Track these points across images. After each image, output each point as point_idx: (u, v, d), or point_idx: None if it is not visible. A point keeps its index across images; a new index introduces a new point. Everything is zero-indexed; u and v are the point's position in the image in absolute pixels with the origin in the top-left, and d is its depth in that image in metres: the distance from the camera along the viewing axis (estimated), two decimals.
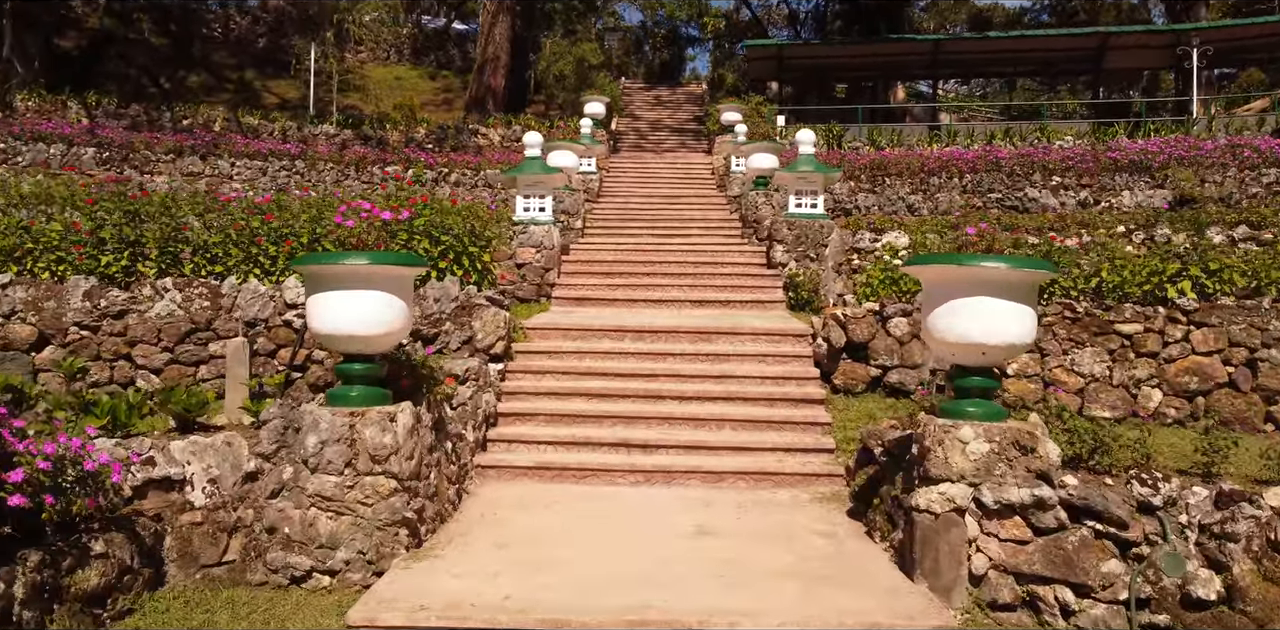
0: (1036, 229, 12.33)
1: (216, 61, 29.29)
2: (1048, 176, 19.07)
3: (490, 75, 27.36)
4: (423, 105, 30.14)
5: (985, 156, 19.98)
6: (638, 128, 28.96)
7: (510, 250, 12.18)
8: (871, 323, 8.39)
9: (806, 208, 12.53)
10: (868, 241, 12.31)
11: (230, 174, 19.16)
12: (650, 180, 22.46)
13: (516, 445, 7.44)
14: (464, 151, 23.51)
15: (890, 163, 20.05)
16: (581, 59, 27.40)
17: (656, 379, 8.29)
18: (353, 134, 23.42)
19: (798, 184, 12.54)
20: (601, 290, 12.02)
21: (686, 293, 11.93)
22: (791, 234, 12.34)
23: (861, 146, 23.40)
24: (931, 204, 15.84)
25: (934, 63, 26.46)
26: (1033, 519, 4.82)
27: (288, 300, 8.25)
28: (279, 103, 28.13)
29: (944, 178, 19.45)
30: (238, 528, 5.19)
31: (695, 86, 34.29)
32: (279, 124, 23.24)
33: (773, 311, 11.47)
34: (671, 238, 16.22)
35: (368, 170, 19.66)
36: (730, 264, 12.84)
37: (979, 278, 4.86)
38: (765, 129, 24.26)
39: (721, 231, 16.55)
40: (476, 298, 8.36)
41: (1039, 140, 22.92)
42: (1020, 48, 25.57)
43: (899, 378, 8.26)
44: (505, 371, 8.34)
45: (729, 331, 9.07)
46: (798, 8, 41.66)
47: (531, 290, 12.10)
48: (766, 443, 7.34)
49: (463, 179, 19.74)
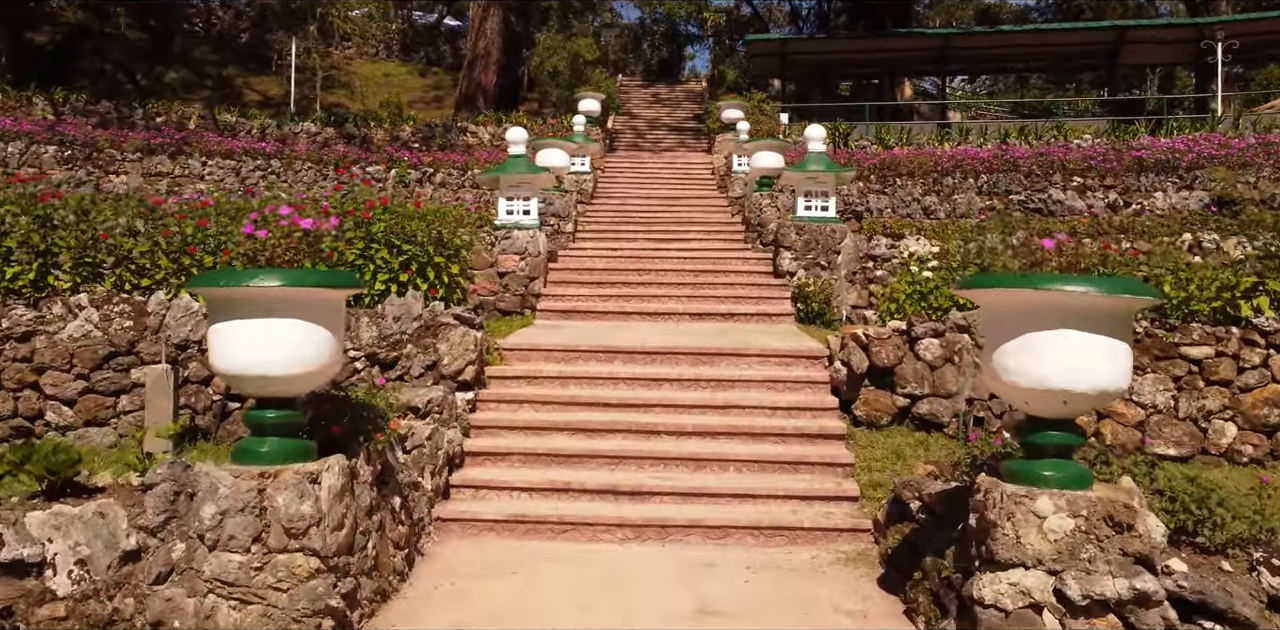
0: (1070, 234, 11.22)
1: (197, 57, 28.18)
2: (1068, 177, 17.98)
3: (481, 72, 26.26)
4: (412, 103, 29.04)
5: (1001, 156, 18.88)
6: (635, 126, 27.86)
7: (491, 257, 11.09)
8: (898, 344, 7.29)
9: (816, 210, 11.43)
10: (884, 248, 11.21)
11: (201, 174, 18.05)
12: (647, 180, 21.39)
13: (485, 492, 6.33)
14: (452, 150, 22.41)
15: (901, 162, 18.96)
16: (576, 54, 26.31)
17: (651, 410, 7.18)
18: (335, 132, 22.33)
19: (807, 184, 11.45)
20: (592, 301, 10.92)
21: (685, 304, 10.83)
22: (800, 240, 11.25)
23: (869, 145, 22.30)
24: (949, 206, 14.75)
25: (943, 58, 25.36)
26: (1132, 618, 3.72)
27: None
28: (261, 100, 27.02)
29: (958, 178, 18.35)
30: (114, 622, 4.09)
31: (695, 84, 33.20)
32: (257, 122, 22.14)
33: (780, 326, 10.37)
34: (669, 242, 15.14)
35: (348, 170, 18.55)
36: (733, 272, 11.74)
37: (1062, 306, 3.76)
38: (768, 127, 23.18)
39: (723, 235, 15.46)
40: (443, 316, 7.26)
41: (1056, 139, 21.83)
42: (1034, 43, 24.47)
43: (930, 408, 7.16)
44: (476, 401, 7.24)
45: (733, 352, 7.97)
46: (799, 4, 40.60)
47: (515, 301, 11.01)
48: (779, 489, 6.23)
49: (448, 179, 18.65)
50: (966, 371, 7.19)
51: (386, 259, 7.28)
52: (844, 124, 22.41)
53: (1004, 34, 23.89)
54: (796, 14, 40.36)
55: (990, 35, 24.22)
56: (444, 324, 7.21)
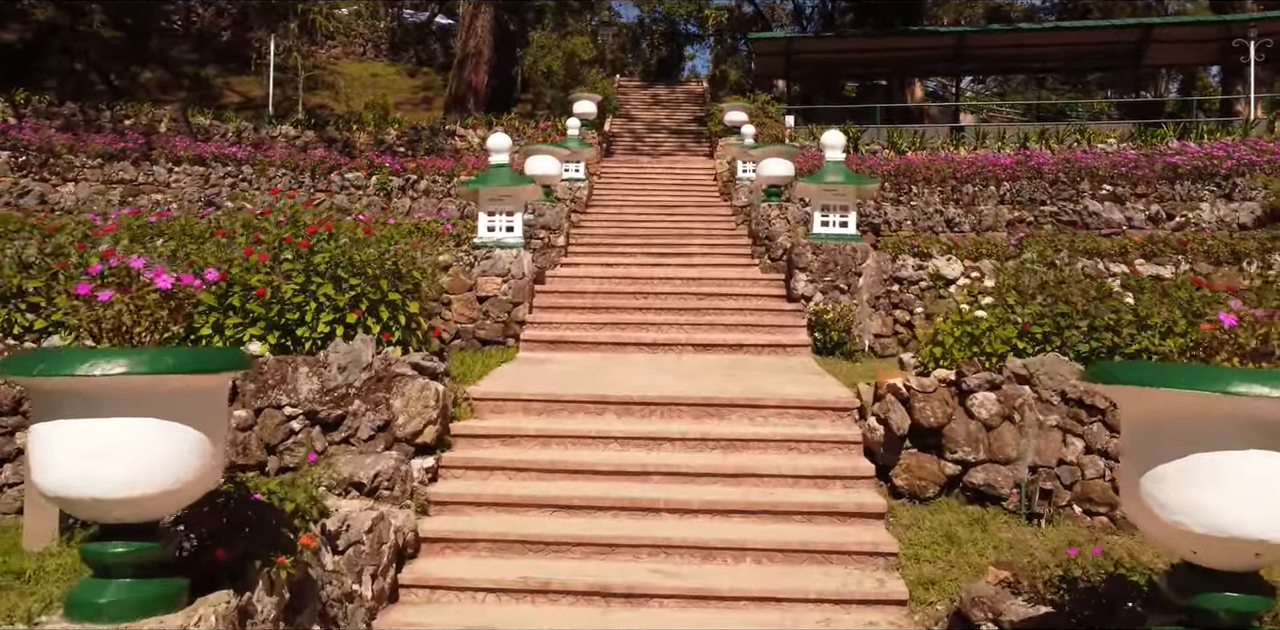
0: (1119, 253, 10.01)
1: (175, 56, 26.92)
2: (1096, 185, 16.76)
3: (471, 72, 25.03)
4: (400, 104, 27.80)
5: (1025, 162, 17.66)
6: (633, 129, 26.66)
7: (470, 280, 9.87)
8: (945, 399, 6.06)
9: (835, 227, 10.21)
10: (911, 269, 9.99)
11: (167, 181, 16.81)
12: (646, 187, 20.19)
13: (443, 594, 5.10)
14: (439, 155, 21.17)
15: (917, 169, 17.74)
16: (572, 54, 25.08)
17: (648, 479, 5.95)
18: (316, 135, 21.09)
19: (824, 197, 10.23)
20: (583, 330, 9.70)
21: (688, 333, 9.61)
22: (817, 260, 10.02)
23: (880, 149, 21.09)
24: (973, 218, 13.53)
25: (957, 58, 24.13)
26: None
27: None
28: (242, 101, 25.79)
29: (979, 185, 17.13)
30: None
31: (695, 85, 31.98)
32: (233, 124, 20.90)
33: (796, 358, 9.15)
34: (669, 257, 13.94)
35: (325, 177, 17.33)
36: (741, 296, 10.51)
37: (1261, 418, 2.53)
38: (774, 130, 21.96)
39: (727, 249, 14.26)
40: (398, 365, 6.03)
41: (1078, 143, 20.61)
42: (1053, 42, 23.26)
43: (986, 477, 5.93)
44: (438, 467, 6.01)
45: (746, 403, 6.73)
46: (803, 2, 39.41)
47: (496, 329, 9.78)
48: (808, 590, 5.00)
49: (433, 187, 17.42)
50: (1029, 432, 5.96)
51: (331, 296, 6.05)
52: (854, 127, 21.20)
53: (1021, 32, 22.69)
54: (800, 12, 39.16)
55: (1007, 34, 23.01)
56: (399, 375, 5.98)
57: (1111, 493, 5.83)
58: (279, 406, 5.93)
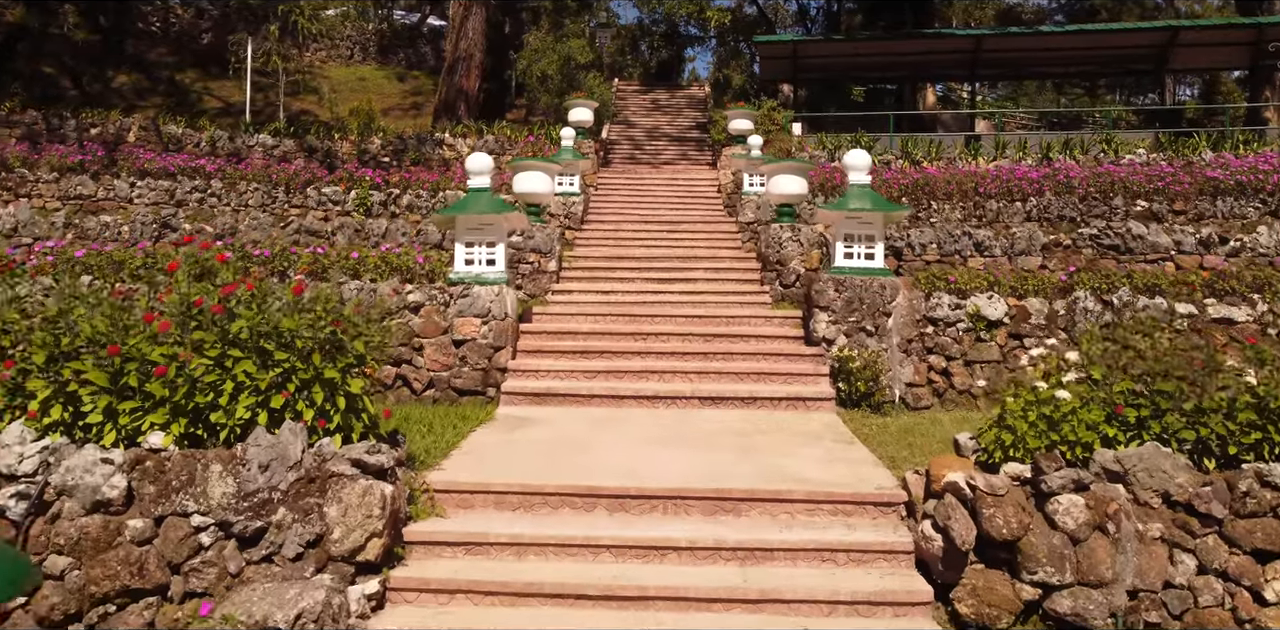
0: (1187, 291, 8.79)
1: (152, 60, 25.62)
2: (1130, 201, 15.56)
3: (462, 76, 23.79)
4: (388, 110, 26.56)
5: (1053, 176, 16.46)
6: (632, 136, 25.44)
7: (444, 321, 8.65)
8: (1020, 503, 4.84)
9: (860, 259, 8.99)
10: (947, 308, 8.78)
11: (129, 196, 15.59)
12: (646, 200, 19.01)
13: None
14: (426, 165, 19.95)
15: (937, 183, 16.54)
16: (568, 57, 23.85)
17: (648, 605, 4.74)
18: (295, 145, 19.85)
19: (849, 226, 9.01)
20: (574, 379, 8.49)
21: (694, 383, 8.41)
22: (840, 298, 8.80)
23: (894, 160, 19.87)
24: (1005, 241, 12.31)
25: (974, 62, 22.87)
26: None
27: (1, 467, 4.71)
28: (222, 107, 24.55)
29: (1003, 201, 15.94)
30: None
31: (697, 89, 30.75)
32: (207, 133, 19.66)
33: (818, 414, 7.95)
34: (671, 283, 12.78)
35: (301, 192, 16.10)
36: (753, 337, 9.28)
37: None
38: (782, 141, 20.74)
39: (735, 274, 13.08)
40: (335, 461, 4.81)
41: (1105, 153, 19.40)
42: (1076, 45, 22.01)
43: (1074, 605, 4.71)
44: (384, 592, 4.79)
45: (769, 496, 5.51)
46: (807, 2, 38.25)
47: (474, 378, 8.57)
48: None
49: (416, 201, 16.19)
50: (1126, 547, 4.75)
51: (252, 374, 4.83)
52: (866, 136, 19.98)
53: (1043, 35, 21.45)
54: (804, 13, 37.98)
55: (1027, 37, 21.76)
56: (336, 475, 4.76)
57: (1234, 625, 4.63)
58: (185, 514, 4.72)
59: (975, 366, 8.71)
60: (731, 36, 30.67)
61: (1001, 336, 8.73)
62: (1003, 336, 8.73)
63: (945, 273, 12.53)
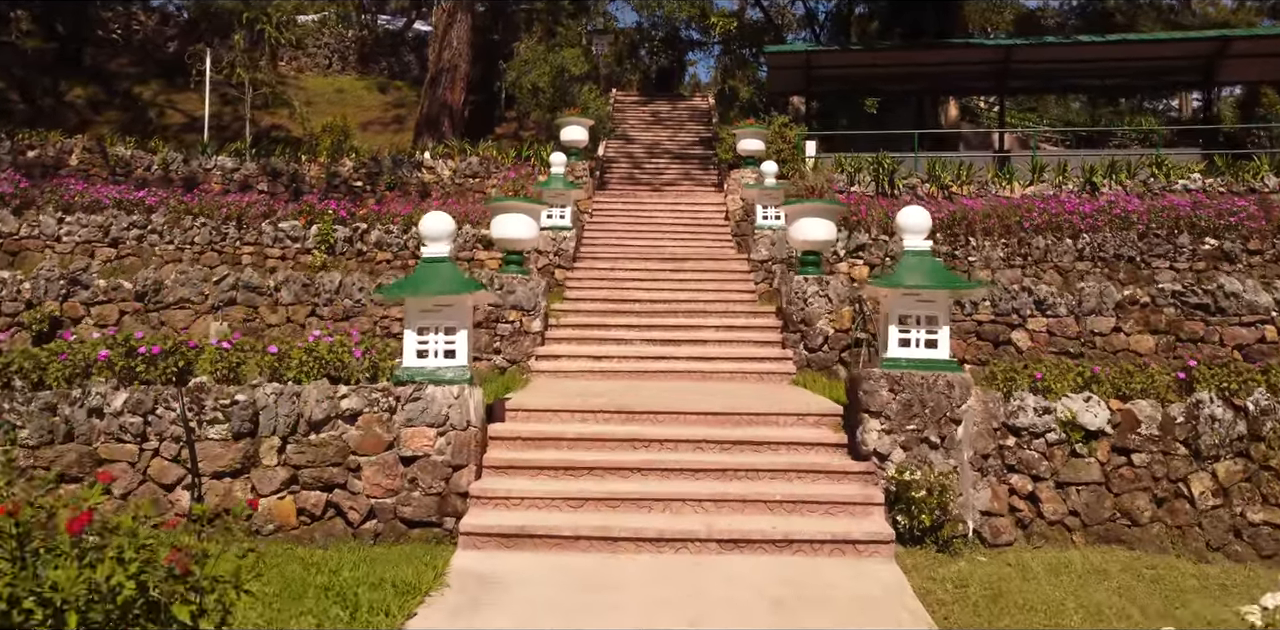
0: None
1: (112, 71, 23.67)
2: (1198, 239, 13.70)
3: (446, 89, 21.88)
4: (367, 124, 24.64)
5: (1108, 210, 14.57)
6: (631, 153, 23.54)
7: (389, 433, 6.74)
8: None
9: (920, 347, 7.08)
10: (1032, 413, 6.87)
11: (57, 234, 13.66)
12: (646, 230, 17.17)
13: None
14: (404, 190, 18.04)
15: (976, 217, 14.64)
16: (561, 68, 21.93)
17: None
18: (258, 168, 17.94)
19: (905, 305, 7.10)
20: (555, 509, 6.60)
21: (710, 515, 6.54)
22: (897, 400, 6.89)
23: (919, 183, 17.97)
24: (1071, 298, 10.40)
25: (1003, 73, 20.97)
26: None
27: None
28: (186, 122, 22.63)
29: (1051, 238, 14.06)
30: None
31: (700, 99, 28.85)
32: (160, 155, 17.75)
33: (872, 562, 6.08)
34: (677, 345, 10.97)
35: (255, 227, 14.18)
36: (783, 444, 7.32)
37: None
38: (794, 165, 18.83)
39: (751, 332, 11.28)
40: None
41: (1155, 177, 17.49)
42: (1114, 56, 20.13)
43: None
44: None
45: None
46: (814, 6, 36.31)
47: (427, 506, 6.67)
48: None
49: (386, 238, 14.27)
50: None
51: None
52: (889, 158, 18.07)
53: (1080, 45, 19.56)
54: (812, 17, 36.00)
55: (1063, 47, 19.85)
56: None
57: None
58: None
59: (1070, 490, 6.81)
60: (738, 44, 28.73)
61: (1103, 451, 6.82)
62: (1104, 451, 6.82)
63: (999, 334, 10.67)
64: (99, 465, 6.52)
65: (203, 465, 6.58)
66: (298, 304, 10.53)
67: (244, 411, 6.61)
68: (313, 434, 6.68)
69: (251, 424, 6.64)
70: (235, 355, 6.72)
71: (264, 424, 6.66)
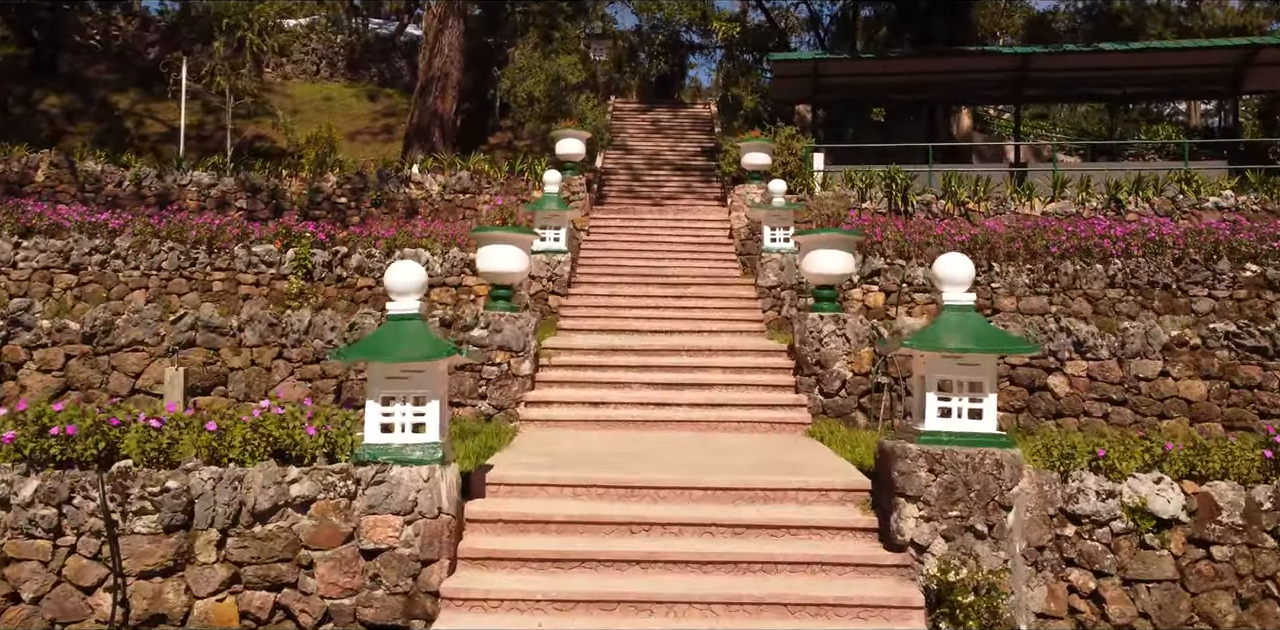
0: None
1: (89, 78, 22.71)
2: (1238, 265, 12.78)
3: (437, 98, 20.91)
4: (356, 134, 23.67)
5: (1142, 233, 13.62)
6: (630, 164, 22.58)
7: (347, 523, 5.79)
8: None
9: (962, 418, 6.12)
10: (1093, 498, 5.92)
11: (13, 260, 12.71)
12: (646, 249, 16.25)
13: None
14: (390, 207, 17.11)
15: (998, 240, 13.70)
16: (557, 77, 20.96)
17: None
18: (236, 184, 16.99)
19: (944, 369, 6.14)
20: (539, 613, 5.63)
21: (718, 619, 5.64)
22: (937, 482, 5.94)
23: (934, 200, 17.03)
24: (1114, 340, 9.44)
25: (1020, 82, 20.01)
26: None
27: None
28: (166, 132, 21.65)
29: (1080, 264, 13.12)
30: None
31: (702, 107, 27.89)
32: (133, 170, 16.81)
33: None
34: (680, 389, 10.13)
35: (227, 251, 13.22)
36: (803, 528, 6.35)
37: None
38: (802, 179, 17.89)
39: (761, 374, 10.41)
40: None
41: (1185, 194, 16.55)
42: (1136, 64, 19.17)
43: None
44: None
45: None
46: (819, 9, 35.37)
47: (392, 607, 5.72)
48: None
49: (368, 263, 13.33)
50: None
51: None
52: (902, 173, 17.12)
53: (1101, 53, 18.62)
54: (816, 21, 35.03)
55: (1083, 55, 18.91)
56: None
57: None
58: None
59: (1139, 588, 5.86)
60: (741, 49, 27.75)
61: (1178, 542, 5.88)
62: (1179, 542, 5.88)
63: (1034, 378, 9.67)
64: (5, 565, 5.56)
65: (128, 564, 5.62)
66: (263, 345, 9.57)
67: (176, 500, 5.66)
68: (258, 525, 5.72)
69: (185, 515, 5.69)
70: (169, 433, 5.76)
71: (200, 514, 5.71)
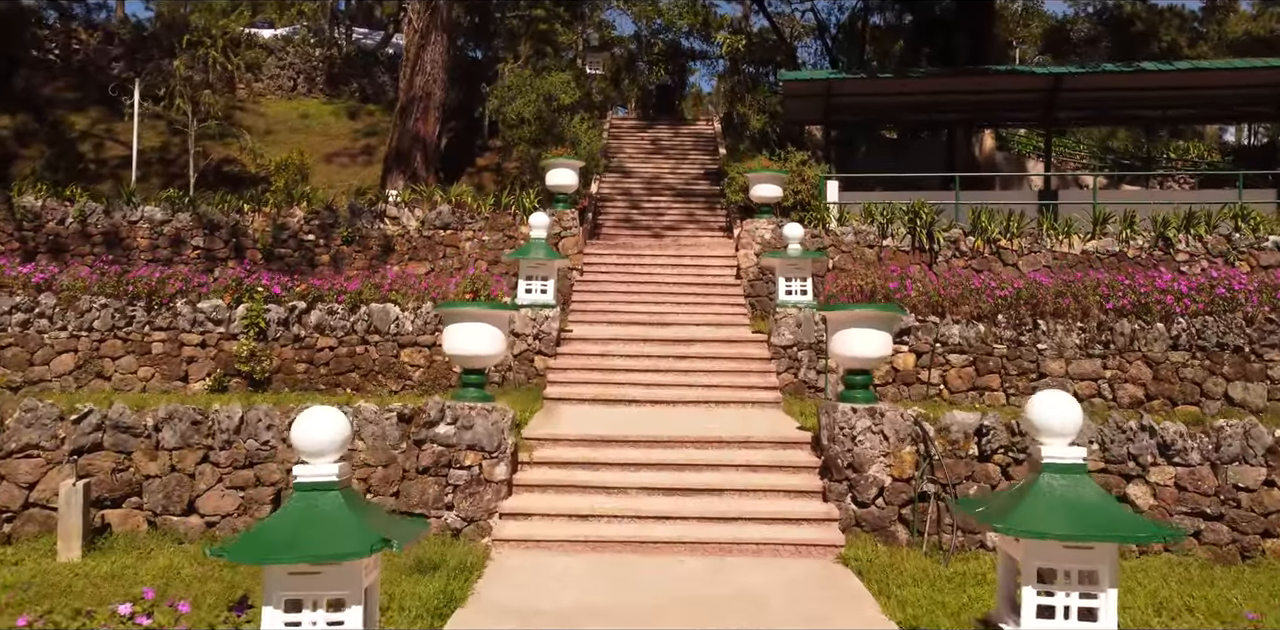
0: None
1: (47, 96, 21.13)
2: None
3: (418, 120, 19.32)
4: (334, 156, 22.05)
5: (1209, 288, 12.03)
6: (628, 189, 20.99)
7: None
8: None
9: (1071, 619, 4.51)
10: None
11: None
12: (646, 293, 14.76)
13: None
14: (363, 244, 15.52)
15: (1044, 295, 12.10)
16: (549, 95, 19.37)
17: None
18: (192, 220, 15.40)
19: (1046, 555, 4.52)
20: None
21: None
22: None
23: (962, 236, 15.43)
24: (1208, 441, 7.87)
25: (1050, 103, 18.44)
26: None
27: None
28: (126, 156, 20.04)
29: (1139, 323, 11.55)
30: None
31: (705, 124, 26.28)
32: (77, 205, 15.21)
33: None
34: (686, 497, 8.45)
35: (168, 307, 11.64)
36: None
37: None
38: (816, 213, 16.30)
39: (780, 474, 8.71)
40: None
41: (1241, 232, 14.94)
42: (1179, 84, 17.63)
43: None
44: None
45: None
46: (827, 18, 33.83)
47: None
48: None
49: (329, 321, 11.74)
50: None
51: None
52: (927, 206, 15.55)
53: (1143, 73, 17.06)
54: (823, 28, 33.43)
55: (1122, 75, 17.34)
56: None
57: None
58: None
59: None
60: (745, 62, 26.16)
61: None
62: None
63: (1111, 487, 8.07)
64: None
65: None
66: (185, 448, 7.95)
67: None
68: None
69: None
70: None
71: None
